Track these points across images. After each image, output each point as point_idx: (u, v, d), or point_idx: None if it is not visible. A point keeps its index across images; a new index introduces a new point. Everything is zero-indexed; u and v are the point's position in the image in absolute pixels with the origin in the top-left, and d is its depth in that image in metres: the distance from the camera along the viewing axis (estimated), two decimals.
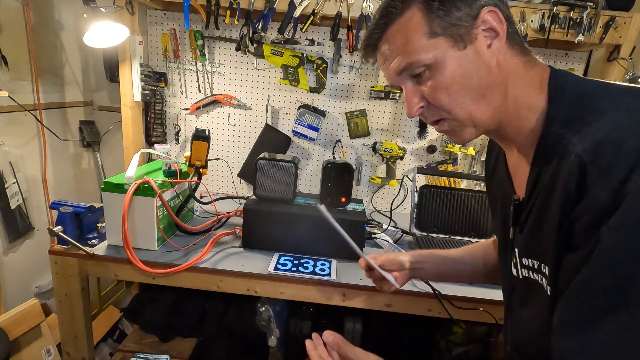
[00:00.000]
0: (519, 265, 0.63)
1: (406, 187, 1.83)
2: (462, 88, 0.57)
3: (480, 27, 0.56)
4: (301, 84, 1.66)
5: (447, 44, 0.56)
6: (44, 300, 1.62)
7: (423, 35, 0.56)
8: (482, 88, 0.57)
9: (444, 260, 0.91)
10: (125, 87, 1.62)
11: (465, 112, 0.58)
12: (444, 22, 0.55)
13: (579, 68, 1.66)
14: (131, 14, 1.51)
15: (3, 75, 1.52)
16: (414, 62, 0.57)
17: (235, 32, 1.66)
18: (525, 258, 0.61)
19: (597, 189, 0.45)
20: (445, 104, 0.58)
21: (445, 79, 0.57)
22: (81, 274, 1.19)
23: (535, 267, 0.59)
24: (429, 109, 0.61)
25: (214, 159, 1.80)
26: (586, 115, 0.51)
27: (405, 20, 0.57)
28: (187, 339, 1.68)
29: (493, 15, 0.56)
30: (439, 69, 0.56)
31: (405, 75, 0.60)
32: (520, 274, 0.63)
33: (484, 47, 0.56)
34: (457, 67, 0.56)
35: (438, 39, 0.56)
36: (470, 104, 0.58)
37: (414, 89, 0.60)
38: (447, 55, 0.56)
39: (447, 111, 0.59)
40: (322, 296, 1.16)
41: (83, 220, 1.22)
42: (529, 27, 1.45)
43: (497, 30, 0.56)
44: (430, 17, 0.55)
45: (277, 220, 1.26)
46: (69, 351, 1.27)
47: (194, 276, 1.17)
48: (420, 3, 0.56)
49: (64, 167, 1.89)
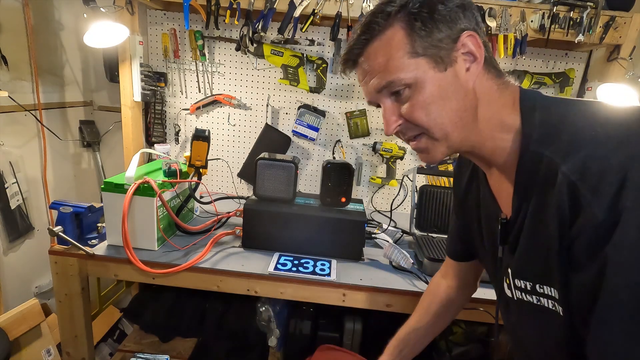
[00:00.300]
0: (513, 286, 0.63)
1: (406, 187, 1.83)
2: (440, 108, 0.57)
3: (460, 51, 0.57)
4: (301, 84, 1.66)
5: (428, 64, 0.56)
6: (44, 300, 1.62)
7: (405, 54, 0.56)
8: (459, 110, 0.58)
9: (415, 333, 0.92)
10: (125, 87, 1.62)
11: (442, 132, 0.59)
12: (425, 43, 0.56)
13: (579, 68, 1.66)
14: (131, 14, 1.51)
15: (3, 75, 1.52)
16: (395, 80, 0.57)
17: (235, 32, 1.66)
18: (519, 279, 0.60)
19: (592, 207, 0.46)
20: (423, 122, 0.59)
21: (424, 98, 0.57)
22: (81, 274, 1.19)
23: (528, 289, 0.59)
24: (406, 126, 0.61)
25: (214, 159, 1.80)
26: (562, 133, 0.52)
27: (387, 38, 0.57)
28: (187, 339, 1.68)
29: (472, 40, 0.56)
30: (418, 88, 0.57)
31: (384, 93, 0.60)
32: (514, 295, 0.63)
33: (463, 71, 0.57)
34: (436, 88, 0.57)
35: (419, 59, 0.56)
36: (448, 124, 0.58)
37: (393, 106, 0.61)
38: (428, 76, 0.56)
39: (424, 129, 0.59)
40: (322, 296, 1.16)
41: (83, 220, 1.22)
42: (529, 27, 1.45)
43: (475, 54, 0.57)
44: (412, 36, 0.56)
45: (277, 220, 1.26)
46: (69, 351, 1.27)
47: (194, 276, 1.17)
48: (403, 22, 0.56)
49: (64, 167, 1.89)
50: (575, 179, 0.47)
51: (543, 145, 0.53)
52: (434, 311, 0.92)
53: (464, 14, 0.57)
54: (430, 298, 0.95)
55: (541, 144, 0.53)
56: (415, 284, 1.16)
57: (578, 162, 0.48)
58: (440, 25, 0.56)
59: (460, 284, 0.91)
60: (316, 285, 1.15)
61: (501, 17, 1.44)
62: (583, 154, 0.48)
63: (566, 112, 0.55)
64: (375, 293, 1.13)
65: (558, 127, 0.53)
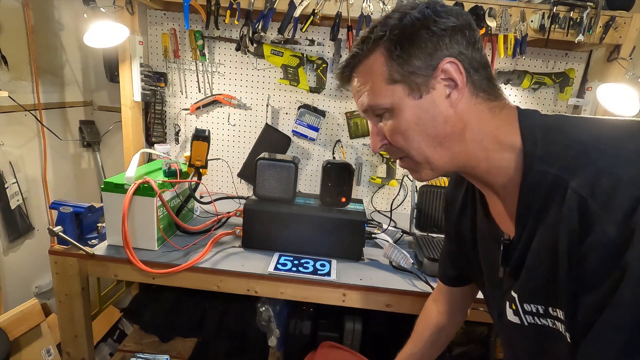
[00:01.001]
0: (522, 311, 0.60)
1: (406, 187, 1.83)
2: (417, 134, 0.58)
3: (439, 77, 0.56)
4: (301, 84, 1.66)
5: (404, 91, 0.57)
6: (44, 300, 1.62)
7: (383, 81, 0.58)
8: (439, 137, 0.58)
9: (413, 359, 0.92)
10: (125, 87, 1.62)
11: (422, 156, 0.60)
12: (402, 70, 0.57)
13: (579, 68, 1.66)
14: (131, 14, 1.51)
15: (3, 75, 1.52)
16: (374, 105, 0.60)
17: (235, 32, 1.66)
18: (528, 303, 0.58)
19: (603, 223, 0.45)
20: (402, 146, 0.60)
21: (401, 124, 0.59)
22: (81, 274, 1.19)
23: (541, 312, 0.57)
24: (390, 148, 0.63)
25: (214, 159, 1.80)
26: (568, 150, 0.51)
27: (370, 63, 0.59)
28: (187, 339, 1.68)
29: (453, 67, 0.56)
30: (395, 114, 0.59)
31: (369, 113, 0.63)
32: (524, 320, 0.60)
33: (442, 97, 0.57)
34: (411, 115, 0.58)
35: (396, 86, 0.58)
36: (427, 149, 0.59)
37: (377, 128, 0.63)
38: (403, 103, 0.58)
39: (404, 153, 0.61)
40: (322, 296, 1.16)
41: (83, 220, 1.22)
42: (529, 27, 1.45)
43: (456, 81, 0.56)
44: (390, 63, 0.57)
45: (277, 220, 1.26)
46: (69, 351, 1.27)
47: (194, 276, 1.17)
48: (384, 48, 0.57)
49: (64, 167, 1.89)
50: (586, 194, 0.46)
51: (547, 164, 0.52)
52: (426, 338, 0.92)
53: (451, 38, 0.56)
54: (423, 324, 0.94)
55: (545, 162, 0.52)
56: (415, 284, 1.16)
57: (588, 178, 0.47)
58: (419, 52, 0.56)
59: (451, 309, 0.90)
60: (316, 285, 1.15)
61: (501, 17, 1.44)
62: (592, 169, 0.47)
63: (569, 129, 0.54)
64: (375, 293, 1.13)
65: (562, 145, 0.52)
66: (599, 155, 0.48)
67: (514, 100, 1.71)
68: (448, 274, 0.87)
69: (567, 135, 0.53)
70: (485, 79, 0.58)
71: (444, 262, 0.88)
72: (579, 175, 0.48)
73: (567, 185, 0.48)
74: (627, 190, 0.44)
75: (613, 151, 0.48)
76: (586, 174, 0.47)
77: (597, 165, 0.47)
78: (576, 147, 0.51)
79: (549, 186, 0.51)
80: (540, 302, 0.56)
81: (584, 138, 0.51)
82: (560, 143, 0.53)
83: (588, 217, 0.46)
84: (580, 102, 1.62)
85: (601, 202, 0.45)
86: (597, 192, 0.46)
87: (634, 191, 0.44)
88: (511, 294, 0.62)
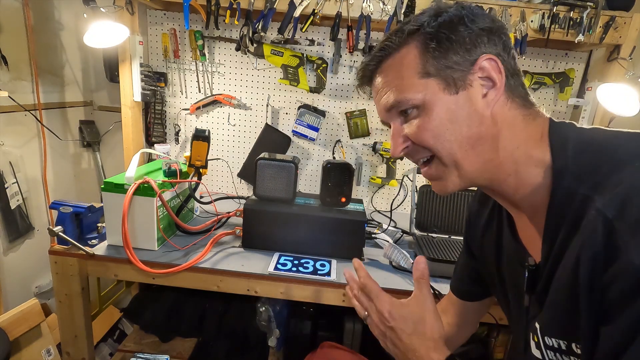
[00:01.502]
0: (542, 345, 0.55)
1: (406, 187, 1.83)
2: (449, 133, 0.54)
3: (477, 74, 0.53)
4: (301, 84, 1.66)
5: (438, 86, 0.54)
6: (44, 300, 1.62)
7: (415, 74, 0.54)
8: (472, 138, 0.54)
9: None
10: (125, 87, 1.62)
11: (452, 159, 0.55)
12: (438, 64, 0.53)
13: (579, 68, 1.66)
14: (131, 14, 1.51)
15: (3, 75, 1.52)
16: (402, 100, 0.55)
17: (235, 32, 1.66)
18: (549, 337, 0.54)
19: (630, 249, 0.40)
20: (431, 146, 0.55)
21: (431, 121, 0.54)
22: (81, 274, 1.19)
23: (563, 349, 0.52)
24: (414, 149, 0.58)
25: (214, 159, 1.80)
26: (601, 166, 0.47)
27: (401, 56, 0.56)
28: (187, 339, 1.68)
29: (492, 64, 0.53)
30: (426, 110, 0.54)
31: (393, 113, 0.58)
32: (546, 356, 0.55)
33: (479, 96, 0.53)
34: (445, 111, 0.54)
35: (429, 80, 0.54)
36: (459, 150, 0.54)
37: (400, 128, 0.58)
38: (436, 98, 0.54)
39: (433, 152, 0.56)
40: (322, 296, 1.16)
41: (83, 220, 1.22)
42: (529, 27, 1.45)
43: (494, 79, 0.53)
44: (425, 56, 0.54)
45: (277, 220, 1.26)
46: (69, 351, 1.27)
47: (194, 276, 1.17)
48: (418, 41, 0.55)
49: (64, 167, 1.89)
50: (612, 216, 0.42)
51: (578, 182, 0.48)
52: None
53: (489, 38, 0.54)
54: None
55: (576, 179, 0.48)
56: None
57: (616, 198, 0.42)
58: (457, 46, 0.53)
59: (461, 322, 0.86)
60: (316, 285, 1.15)
61: (501, 17, 1.44)
62: (622, 188, 0.42)
63: (604, 144, 0.49)
64: None
65: (595, 162, 0.48)
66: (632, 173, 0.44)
67: None
68: (464, 288, 0.83)
69: (601, 151, 0.49)
70: (520, 85, 0.56)
71: (461, 277, 0.84)
72: (606, 194, 0.43)
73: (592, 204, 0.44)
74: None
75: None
76: (614, 193, 0.43)
77: (628, 183, 0.43)
78: (609, 164, 0.46)
79: (577, 206, 0.47)
80: (562, 336, 0.52)
81: (618, 155, 0.47)
82: (593, 160, 0.48)
83: (613, 242, 0.42)
84: (580, 102, 1.62)
85: (630, 225, 0.41)
86: (625, 214, 0.41)
87: None
88: (534, 324, 0.57)
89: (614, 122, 1.63)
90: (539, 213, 0.54)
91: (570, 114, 1.73)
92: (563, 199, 0.49)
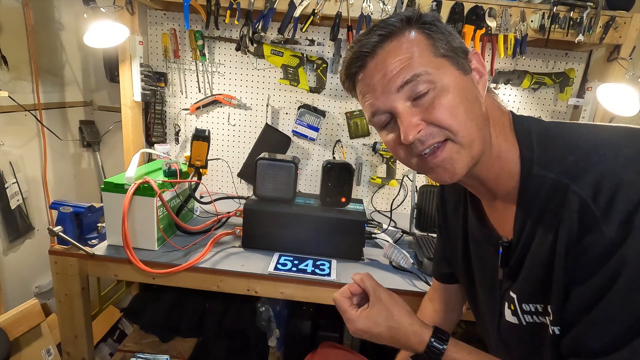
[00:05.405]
0: (520, 311, 0.61)
1: (406, 187, 1.83)
2: (465, 111, 0.54)
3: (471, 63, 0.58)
4: (301, 84, 1.66)
5: (452, 66, 0.55)
6: (44, 300, 1.62)
7: (430, 53, 0.55)
8: (483, 118, 0.56)
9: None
10: (125, 87, 1.62)
11: (469, 137, 0.54)
12: (446, 46, 0.56)
13: (579, 68, 1.66)
14: (131, 14, 1.51)
15: (3, 75, 1.52)
16: (422, 73, 0.53)
17: (235, 32, 1.66)
18: (526, 303, 0.60)
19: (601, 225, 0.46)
20: (449, 124, 0.53)
21: (452, 98, 0.53)
22: (81, 274, 1.19)
23: (540, 311, 0.58)
24: (428, 132, 0.54)
25: (214, 159, 1.80)
26: (565, 155, 0.52)
27: (408, 37, 0.55)
28: (187, 339, 1.68)
29: (477, 58, 0.58)
30: (444, 88, 0.53)
31: (403, 93, 0.54)
32: (522, 320, 0.61)
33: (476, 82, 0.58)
34: (461, 89, 0.54)
35: (444, 59, 0.55)
36: (475, 130, 0.54)
37: (413, 110, 0.54)
38: (454, 76, 0.55)
39: (451, 132, 0.53)
40: (322, 296, 1.16)
41: (83, 220, 1.22)
42: (529, 27, 1.45)
43: (481, 72, 0.58)
44: (432, 38, 0.56)
45: (277, 220, 1.26)
46: (69, 351, 1.27)
47: (194, 276, 1.17)
48: (419, 28, 0.56)
49: (64, 167, 1.89)
50: (587, 197, 0.48)
51: (546, 169, 0.53)
52: None
53: None
54: None
55: (544, 167, 0.53)
56: (415, 284, 1.16)
57: (590, 181, 0.48)
58: (453, 37, 0.57)
59: (446, 308, 0.90)
60: (316, 285, 1.15)
61: (501, 17, 1.44)
62: (594, 173, 0.48)
63: (565, 135, 0.55)
64: None
65: (560, 150, 0.53)
66: (599, 160, 0.49)
67: (514, 101, 1.71)
68: (442, 271, 0.88)
69: (564, 141, 0.54)
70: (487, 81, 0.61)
71: (438, 260, 0.89)
72: (581, 178, 0.49)
73: (568, 188, 0.49)
74: (627, 194, 0.45)
75: (612, 155, 0.49)
76: (588, 178, 0.48)
77: (599, 169, 0.48)
78: (575, 152, 0.51)
79: (548, 190, 0.52)
80: (538, 300, 0.58)
81: (581, 143, 0.52)
82: (558, 148, 0.54)
83: (588, 220, 0.48)
84: (580, 102, 1.62)
85: (602, 205, 0.47)
86: (599, 196, 0.47)
87: (634, 194, 0.45)
88: (510, 294, 0.63)
89: (614, 122, 1.62)
90: (509, 197, 0.59)
91: (570, 114, 1.73)
92: (533, 185, 0.55)
